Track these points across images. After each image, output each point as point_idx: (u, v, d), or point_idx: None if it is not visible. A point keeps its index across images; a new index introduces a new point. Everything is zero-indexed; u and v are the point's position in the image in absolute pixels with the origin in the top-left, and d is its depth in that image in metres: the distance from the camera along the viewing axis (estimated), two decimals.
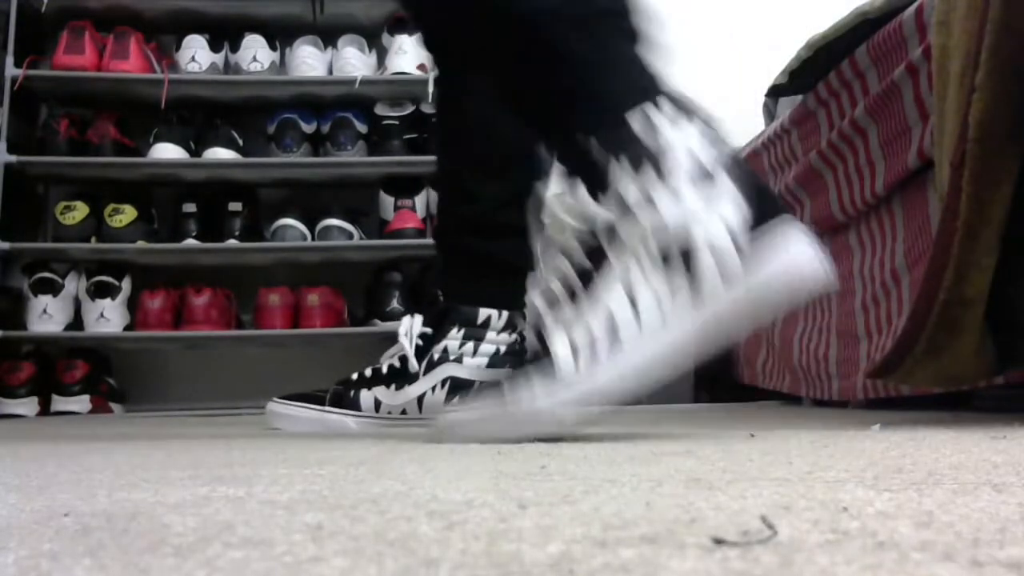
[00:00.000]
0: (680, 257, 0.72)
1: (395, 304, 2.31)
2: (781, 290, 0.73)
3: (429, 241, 2.37)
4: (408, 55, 2.38)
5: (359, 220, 2.41)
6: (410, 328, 1.12)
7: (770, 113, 2.07)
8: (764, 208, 0.74)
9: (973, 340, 0.88)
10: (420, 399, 1.11)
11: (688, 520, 0.34)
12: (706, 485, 0.45)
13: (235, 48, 2.40)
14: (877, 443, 0.69)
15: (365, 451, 0.74)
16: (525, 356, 0.84)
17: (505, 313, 1.11)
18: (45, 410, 2.22)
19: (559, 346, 0.74)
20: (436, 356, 1.10)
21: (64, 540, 0.33)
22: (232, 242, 2.32)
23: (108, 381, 2.36)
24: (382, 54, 2.46)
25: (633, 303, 0.72)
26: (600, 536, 0.31)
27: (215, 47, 2.42)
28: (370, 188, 2.46)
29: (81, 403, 2.24)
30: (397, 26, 2.41)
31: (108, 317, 2.29)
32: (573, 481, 0.48)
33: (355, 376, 1.15)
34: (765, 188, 0.77)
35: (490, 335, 1.10)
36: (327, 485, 0.49)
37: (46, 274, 2.29)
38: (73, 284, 2.32)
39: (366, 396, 1.12)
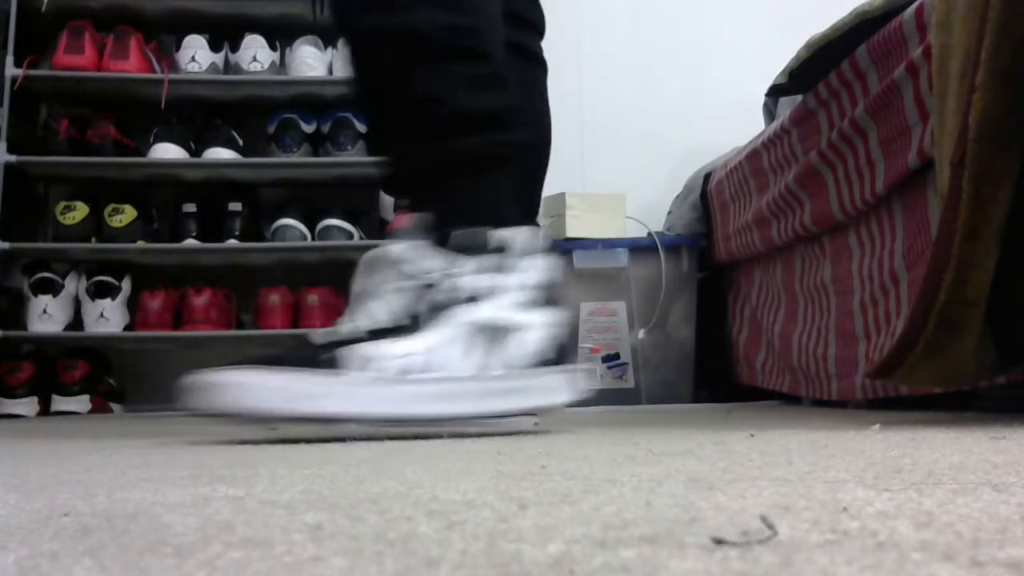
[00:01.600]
0: (486, 343, 0.88)
1: None
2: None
3: None
4: None
5: (359, 220, 2.41)
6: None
7: (770, 113, 2.07)
8: (561, 357, 0.93)
9: (973, 340, 0.88)
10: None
11: (688, 520, 0.34)
12: (706, 485, 0.45)
13: (235, 48, 2.40)
14: (877, 443, 0.69)
15: (365, 451, 0.74)
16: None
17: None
18: (45, 410, 2.22)
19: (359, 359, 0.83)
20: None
21: (64, 540, 0.33)
22: (232, 242, 2.32)
23: (108, 381, 2.36)
24: None
25: (428, 356, 0.86)
26: (600, 536, 0.31)
27: (215, 47, 2.42)
28: (370, 188, 2.46)
29: (81, 403, 2.24)
30: None
31: (108, 317, 2.29)
32: (573, 481, 0.48)
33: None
34: (566, 347, 0.94)
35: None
36: (327, 485, 0.49)
37: (46, 274, 2.29)
38: (73, 284, 2.32)
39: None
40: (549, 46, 1.26)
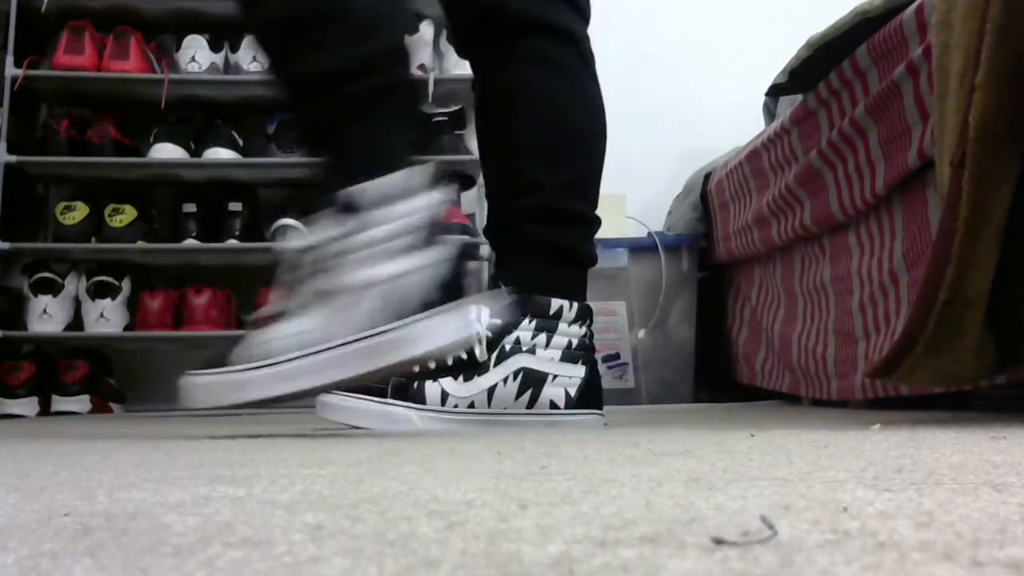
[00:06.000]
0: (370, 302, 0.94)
1: None
2: None
3: None
4: None
5: None
6: (478, 317, 1.02)
7: (770, 113, 2.07)
8: (448, 296, 0.95)
9: (973, 340, 0.88)
10: (491, 391, 1.05)
11: (688, 520, 0.34)
12: (706, 485, 0.45)
13: (235, 48, 2.40)
14: (877, 443, 0.69)
15: (365, 451, 0.74)
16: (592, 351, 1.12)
17: (575, 304, 1.10)
18: (45, 410, 2.22)
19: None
20: (508, 347, 1.06)
21: (64, 540, 0.33)
22: (232, 242, 2.32)
23: (108, 381, 2.36)
24: None
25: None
26: (600, 536, 0.31)
27: (215, 47, 2.42)
28: None
29: (81, 403, 2.24)
30: None
31: (108, 317, 2.29)
32: (573, 481, 0.48)
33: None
34: (453, 284, 0.96)
35: (562, 327, 1.09)
36: (327, 485, 0.49)
37: (46, 274, 2.29)
38: (73, 284, 2.32)
39: (431, 388, 1.04)
40: None
